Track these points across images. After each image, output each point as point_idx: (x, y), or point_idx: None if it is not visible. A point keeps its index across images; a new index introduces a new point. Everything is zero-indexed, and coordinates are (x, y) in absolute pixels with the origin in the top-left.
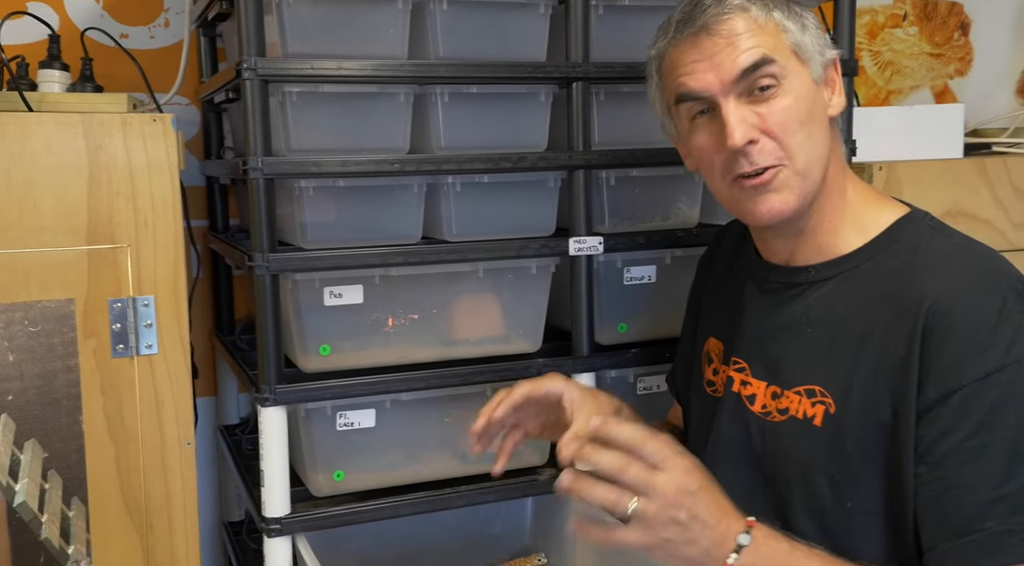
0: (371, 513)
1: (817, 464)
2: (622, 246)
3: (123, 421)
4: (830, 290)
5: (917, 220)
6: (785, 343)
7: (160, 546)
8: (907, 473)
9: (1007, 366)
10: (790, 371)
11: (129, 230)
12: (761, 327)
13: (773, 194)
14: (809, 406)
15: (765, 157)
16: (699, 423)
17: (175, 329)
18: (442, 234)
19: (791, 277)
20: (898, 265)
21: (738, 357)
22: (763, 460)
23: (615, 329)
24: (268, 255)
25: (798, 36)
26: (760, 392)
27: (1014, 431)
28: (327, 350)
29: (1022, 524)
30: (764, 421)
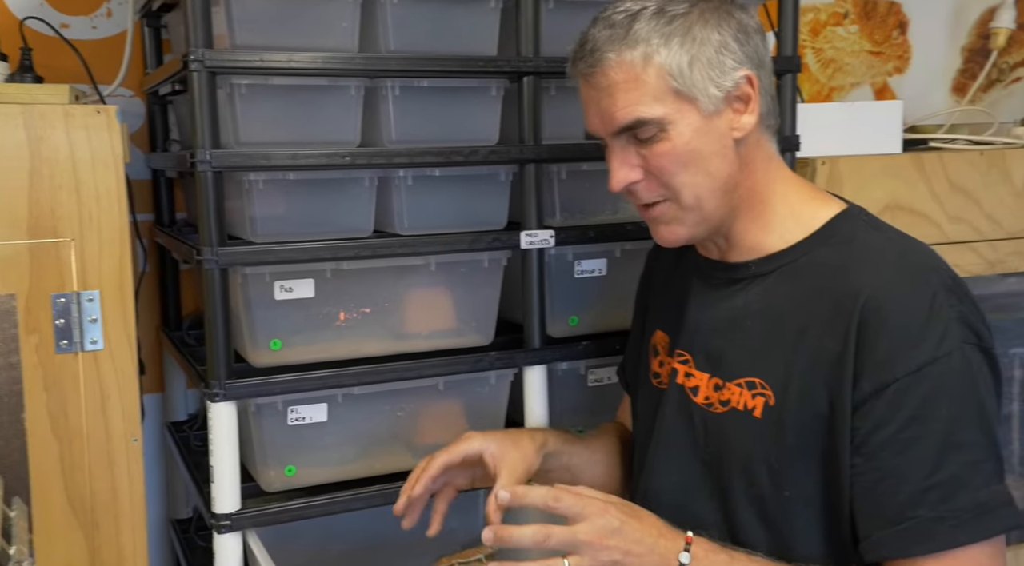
0: (323, 507)
1: (757, 454)
2: (573, 239)
3: (67, 418)
4: (770, 284)
5: (853, 216)
6: (727, 336)
7: (106, 545)
8: (843, 464)
9: (938, 359)
10: (731, 363)
11: (72, 224)
12: (704, 320)
13: (663, 226)
14: (750, 398)
15: (649, 194)
16: (644, 414)
17: (121, 324)
18: (394, 227)
19: (732, 272)
20: (834, 260)
21: (682, 349)
22: (706, 450)
23: (566, 322)
24: (217, 249)
25: (684, 75)
26: (703, 384)
27: (945, 423)
28: (278, 344)
29: (952, 511)
30: (707, 412)
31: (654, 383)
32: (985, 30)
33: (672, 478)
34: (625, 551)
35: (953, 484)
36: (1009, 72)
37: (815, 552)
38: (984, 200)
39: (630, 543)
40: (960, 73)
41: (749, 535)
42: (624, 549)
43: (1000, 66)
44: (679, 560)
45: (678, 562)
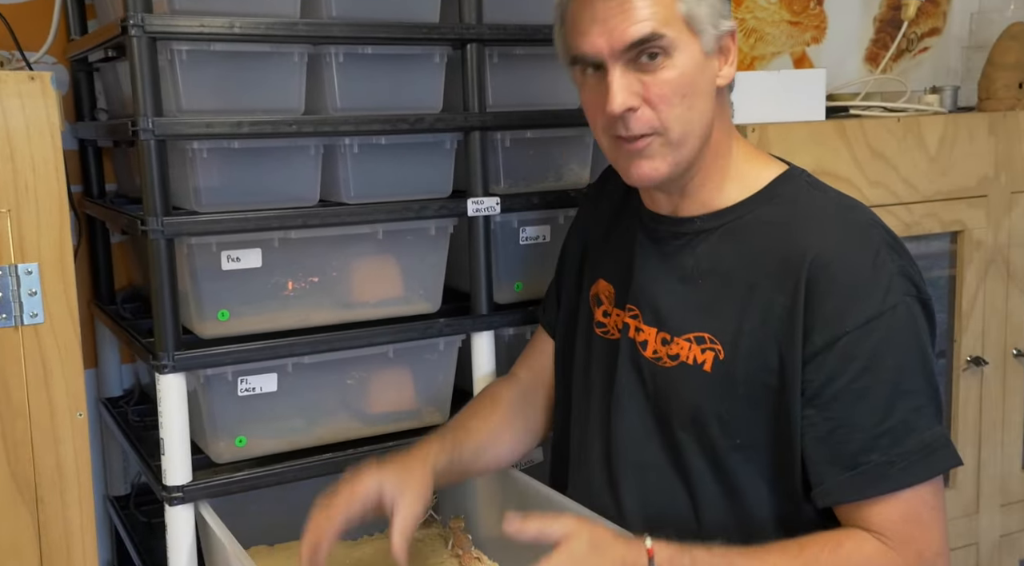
0: (276, 477)
1: (707, 406)
2: (518, 206)
3: (9, 394)
4: (716, 241)
5: (795, 177)
6: (674, 292)
7: (53, 521)
8: (794, 415)
9: (884, 313)
10: (680, 318)
11: (8, 194)
12: (651, 276)
13: (645, 161)
14: (699, 352)
15: (641, 126)
16: (586, 366)
17: (62, 297)
18: (340, 196)
19: (678, 227)
20: (779, 219)
21: (632, 304)
22: (656, 404)
23: (512, 288)
24: (163, 219)
25: (693, 6)
26: (651, 338)
27: (893, 372)
28: (225, 315)
29: (901, 455)
30: (656, 366)
31: (598, 333)
32: (896, 1)
33: (626, 429)
34: None
35: (902, 429)
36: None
37: (764, 499)
38: (900, 165)
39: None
40: (872, 43)
41: (700, 484)
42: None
43: (909, 36)
44: None
45: None
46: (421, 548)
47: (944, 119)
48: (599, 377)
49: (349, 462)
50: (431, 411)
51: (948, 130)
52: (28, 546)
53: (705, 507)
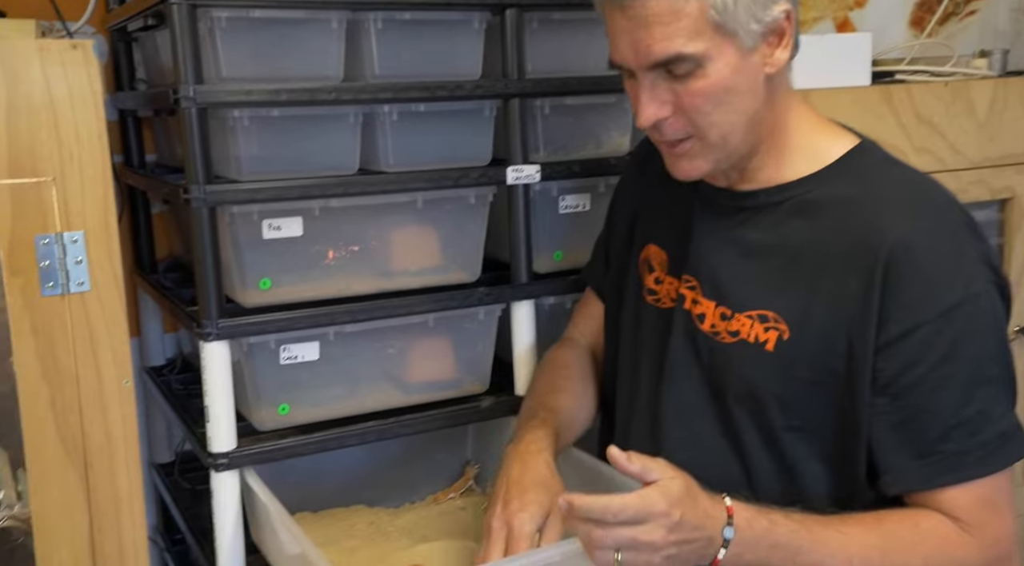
0: (318, 444)
1: (767, 386)
2: (558, 174)
3: (57, 361)
4: (782, 216)
5: (868, 150)
6: (736, 267)
7: (102, 487)
8: (861, 402)
9: (967, 300)
10: (741, 294)
11: (53, 163)
12: (711, 247)
13: (685, 161)
14: (761, 331)
15: (675, 132)
16: (634, 331)
17: (107, 265)
18: (379, 165)
19: (740, 201)
20: (852, 196)
21: (689, 275)
22: (711, 376)
23: (551, 257)
24: (205, 187)
25: (728, 10)
26: (709, 312)
27: (972, 362)
28: (267, 284)
29: (977, 445)
30: (713, 341)
31: (649, 300)
32: None
33: (679, 401)
34: (678, 545)
35: (979, 419)
36: (964, 5)
37: (820, 480)
38: (948, 131)
39: (681, 536)
40: (917, 6)
41: (754, 460)
42: (677, 543)
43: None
44: (723, 535)
45: (722, 538)
46: (464, 516)
47: (993, 83)
48: (649, 346)
49: (392, 430)
50: (471, 381)
51: (998, 94)
52: (79, 510)
53: (760, 482)
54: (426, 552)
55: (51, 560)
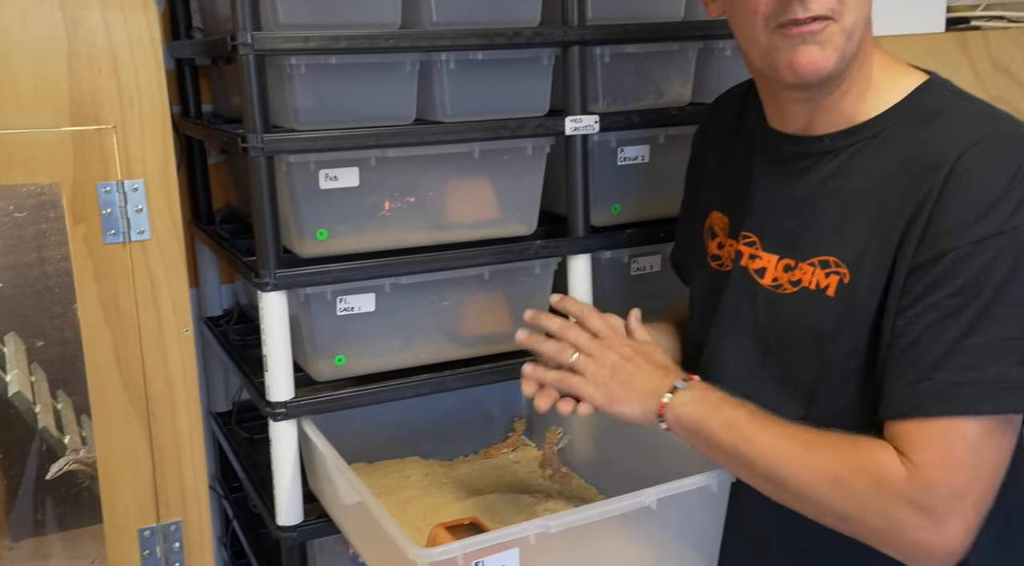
0: (375, 396)
1: (825, 333)
2: (617, 125)
3: (119, 309)
4: (846, 159)
5: (938, 86)
6: (800, 215)
7: (164, 433)
8: (888, 327)
9: (1004, 232)
10: (805, 243)
11: (114, 110)
12: (773, 199)
13: (817, 47)
14: (823, 277)
15: (820, 5)
16: (703, 299)
17: (167, 214)
18: (436, 114)
19: (805, 147)
20: (920, 134)
21: (748, 231)
22: (767, 332)
23: (608, 210)
24: (263, 136)
25: None
26: (771, 265)
27: (991, 293)
28: (324, 235)
29: (972, 379)
30: (773, 294)
31: (714, 266)
32: None
33: (730, 361)
34: (621, 367)
35: (980, 353)
36: None
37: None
38: None
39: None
40: None
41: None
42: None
43: None
44: (674, 384)
45: (672, 385)
46: (517, 469)
47: None
48: (713, 310)
49: (448, 382)
50: None
51: None
52: (142, 457)
53: None
54: (481, 504)
55: (115, 505)
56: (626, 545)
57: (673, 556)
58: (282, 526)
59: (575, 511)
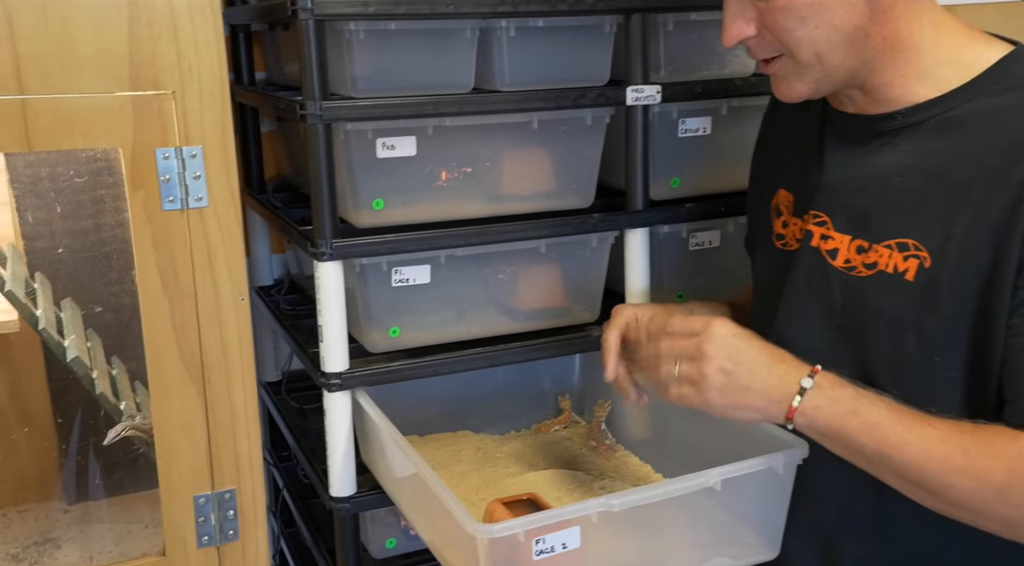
0: (430, 368)
1: (906, 319)
2: (679, 95)
3: (176, 276)
4: (924, 136)
5: (1022, 58)
6: (874, 194)
7: (219, 401)
8: (998, 325)
9: None
10: (879, 223)
11: (173, 75)
12: (845, 178)
13: (782, 81)
14: (901, 260)
15: (763, 50)
16: (767, 280)
17: (224, 181)
18: (494, 83)
19: (875, 125)
20: (1004, 107)
21: (818, 210)
22: (843, 315)
23: (668, 184)
24: (321, 103)
25: None
26: (843, 246)
27: None
28: (380, 204)
29: None
30: (847, 276)
31: (777, 246)
32: None
33: (801, 346)
34: (736, 362)
35: None
36: None
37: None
38: None
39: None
40: None
41: None
42: (733, 359)
43: None
44: (800, 384)
45: (798, 385)
46: (569, 445)
47: None
48: (778, 291)
49: (502, 357)
50: (581, 310)
51: None
52: (197, 424)
53: None
54: (536, 479)
55: (171, 472)
56: (687, 526)
57: (733, 539)
58: (335, 497)
59: (638, 490)
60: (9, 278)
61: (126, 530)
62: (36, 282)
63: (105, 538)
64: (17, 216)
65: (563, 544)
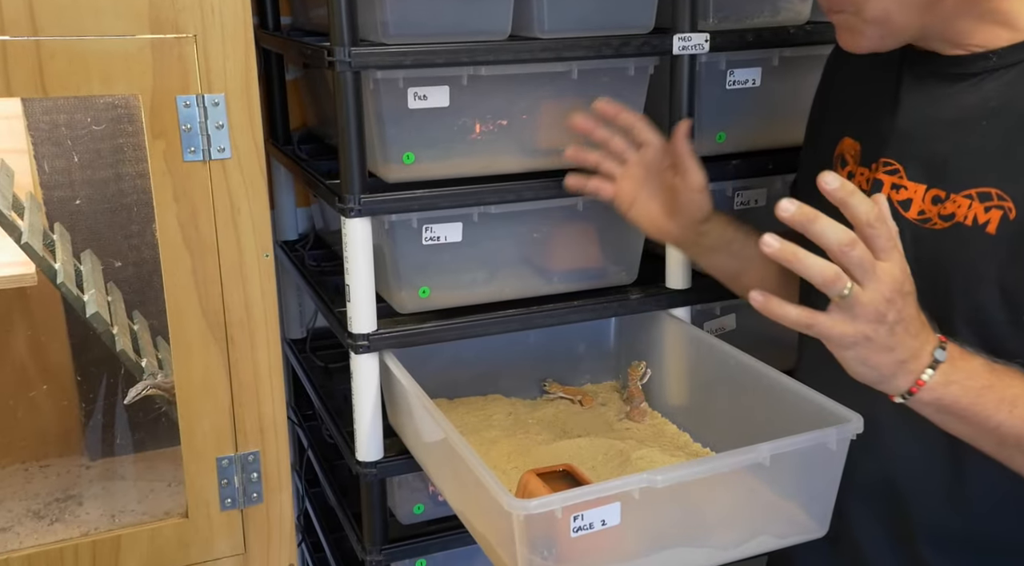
0: (460, 330)
1: (988, 274)
2: (728, 45)
3: (198, 230)
4: (1014, 78)
5: None
6: (954, 140)
7: (243, 359)
8: None
9: None
10: (959, 171)
11: (194, 17)
12: (922, 122)
13: (844, 31)
14: (982, 211)
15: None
16: None
17: (248, 131)
18: (532, 31)
19: (963, 66)
20: None
21: (889, 157)
22: (916, 271)
23: (713, 138)
24: (350, 49)
25: None
26: (917, 196)
27: None
28: (411, 158)
29: None
30: (921, 228)
31: None
32: None
33: None
34: (899, 317)
35: None
36: None
37: None
38: None
39: (907, 313)
40: None
41: None
42: (900, 315)
43: None
44: (934, 356)
45: (931, 357)
46: (603, 411)
47: None
48: None
49: (536, 319)
50: (617, 271)
51: None
52: (220, 384)
53: None
54: (570, 448)
55: (194, 432)
56: (732, 502)
57: (781, 516)
58: (362, 462)
59: (683, 465)
60: (27, 229)
61: (149, 488)
62: (55, 234)
63: (128, 495)
64: (35, 164)
65: (602, 521)
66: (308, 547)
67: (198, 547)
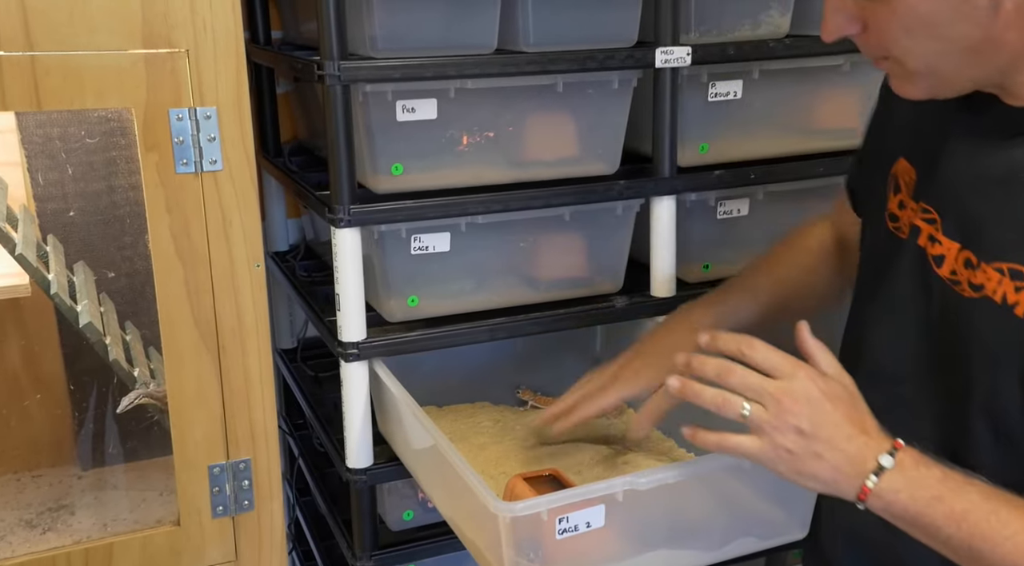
0: (449, 338)
1: (1010, 360)
2: (710, 58)
3: (191, 241)
4: None
5: None
6: (992, 201)
7: (234, 368)
8: None
9: None
10: (993, 239)
11: (187, 32)
12: (966, 173)
13: (896, 80)
14: (1011, 290)
15: (869, 51)
16: (871, 267)
17: (240, 144)
18: (518, 45)
19: (1017, 116)
20: None
21: (928, 204)
22: (940, 330)
23: (696, 150)
24: (339, 63)
25: None
26: (951, 255)
27: None
28: (399, 169)
29: None
30: (950, 290)
31: (891, 227)
32: None
33: (887, 356)
34: (816, 424)
35: None
36: None
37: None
38: None
39: (825, 419)
40: None
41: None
42: (815, 422)
43: None
44: (879, 461)
45: (876, 463)
46: None
47: None
48: (880, 278)
49: (522, 327)
50: (604, 280)
51: None
52: (212, 393)
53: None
54: (556, 454)
55: (186, 441)
56: (714, 505)
57: (762, 518)
58: (352, 469)
59: (665, 468)
60: (20, 241)
61: (141, 497)
62: (48, 245)
63: (120, 505)
64: (28, 177)
65: (587, 523)
66: (299, 555)
67: (190, 555)
